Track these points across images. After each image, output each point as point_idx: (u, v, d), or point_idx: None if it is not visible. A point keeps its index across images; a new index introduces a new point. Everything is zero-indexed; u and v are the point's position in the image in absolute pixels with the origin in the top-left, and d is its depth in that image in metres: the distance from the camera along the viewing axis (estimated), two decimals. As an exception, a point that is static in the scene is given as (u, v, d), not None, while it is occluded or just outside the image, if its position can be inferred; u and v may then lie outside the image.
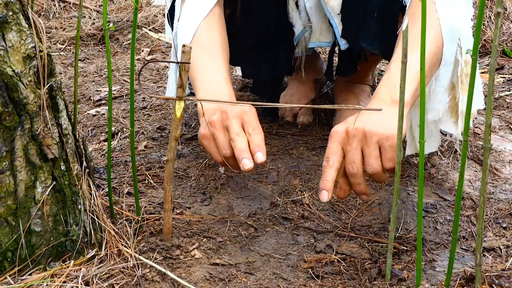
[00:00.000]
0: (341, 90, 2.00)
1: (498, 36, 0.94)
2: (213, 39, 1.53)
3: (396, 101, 1.29)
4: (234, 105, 1.35)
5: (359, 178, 1.25)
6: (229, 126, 1.32)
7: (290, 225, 1.43)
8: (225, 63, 1.51)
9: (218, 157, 1.34)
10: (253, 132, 1.32)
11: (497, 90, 2.24)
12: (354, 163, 1.24)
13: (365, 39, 1.66)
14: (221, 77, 1.45)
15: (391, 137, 1.23)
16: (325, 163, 1.25)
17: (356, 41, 1.67)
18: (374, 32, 1.64)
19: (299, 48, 1.82)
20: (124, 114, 2.05)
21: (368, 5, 1.63)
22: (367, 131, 1.24)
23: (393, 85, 1.31)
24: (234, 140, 1.30)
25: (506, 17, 2.85)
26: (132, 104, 1.33)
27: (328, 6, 1.66)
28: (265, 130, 1.90)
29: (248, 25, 1.77)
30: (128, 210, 1.43)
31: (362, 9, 1.64)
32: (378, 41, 1.65)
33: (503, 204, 1.51)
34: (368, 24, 1.64)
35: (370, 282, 1.22)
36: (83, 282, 1.15)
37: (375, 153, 1.24)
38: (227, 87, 1.43)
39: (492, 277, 1.21)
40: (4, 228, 1.15)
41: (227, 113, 1.32)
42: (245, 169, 1.27)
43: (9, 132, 1.12)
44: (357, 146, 1.24)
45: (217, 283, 1.22)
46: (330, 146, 1.27)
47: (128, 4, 3.37)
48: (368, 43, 1.65)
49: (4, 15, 1.08)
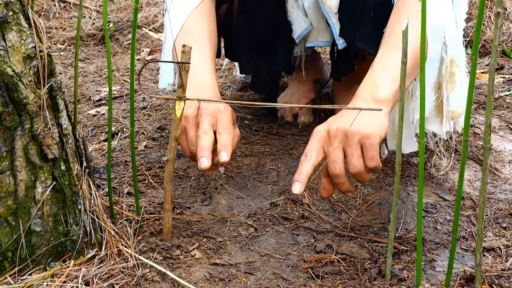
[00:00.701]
0: (341, 90, 2.00)
1: (498, 36, 0.94)
2: (201, 30, 1.53)
3: (377, 100, 1.30)
4: (212, 103, 1.35)
5: (342, 178, 1.26)
6: (200, 123, 1.32)
7: (290, 225, 1.43)
8: (211, 55, 1.51)
9: (187, 152, 1.35)
10: (223, 131, 1.32)
11: (497, 90, 2.24)
12: (336, 163, 1.25)
13: (361, 39, 1.66)
14: (205, 68, 1.46)
15: (372, 136, 1.23)
16: (303, 157, 1.26)
17: (353, 41, 1.68)
18: (370, 32, 1.64)
19: (298, 48, 1.82)
20: (124, 114, 2.05)
21: (365, 5, 1.63)
22: (348, 131, 1.24)
23: (374, 83, 1.32)
24: (199, 137, 1.31)
25: (506, 17, 2.85)
26: (132, 104, 1.33)
27: (325, 6, 1.67)
28: (265, 130, 1.90)
29: (245, 23, 1.77)
30: (128, 210, 1.43)
31: (358, 8, 1.64)
32: (374, 41, 1.65)
33: (503, 204, 1.51)
34: (364, 24, 1.65)
35: (370, 282, 1.22)
36: (83, 282, 1.15)
37: (357, 153, 1.24)
38: (210, 79, 1.44)
39: (492, 277, 1.21)
40: (4, 228, 1.15)
41: (202, 110, 1.33)
42: (201, 168, 1.27)
43: (9, 132, 1.12)
44: (338, 146, 1.25)
45: (217, 283, 1.22)
46: (310, 143, 1.27)
47: (128, 4, 3.37)
48: (364, 43, 1.66)
49: (4, 15, 1.08)
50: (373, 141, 1.23)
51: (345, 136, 1.24)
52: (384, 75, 1.34)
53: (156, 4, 3.34)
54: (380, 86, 1.32)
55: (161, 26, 3.10)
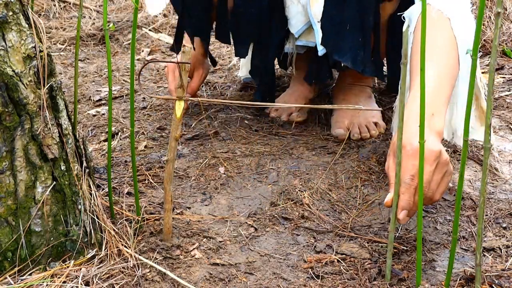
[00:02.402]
0: (341, 90, 2.00)
1: (498, 36, 0.94)
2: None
3: (438, 132, 1.29)
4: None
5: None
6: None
7: (290, 225, 1.43)
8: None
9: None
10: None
11: (497, 90, 2.24)
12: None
13: (338, 51, 1.71)
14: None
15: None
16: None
17: (331, 51, 1.72)
18: (346, 45, 1.69)
19: (290, 45, 1.86)
20: (124, 114, 2.05)
21: (343, 18, 1.68)
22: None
23: (431, 113, 1.29)
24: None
25: (506, 17, 2.85)
26: (132, 104, 1.33)
27: (311, 11, 1.71)
28: (265, 130, 1.90)
29: (240, 11, 1.82)
30: (128, 210, 1.43)
31: (338, 20, 1.68)
32: (351, 54, 1.69)
33: (503, 204, 1.51)
34: (343, 36, 1.69)
35: (370, 282, 1.22)
36: (83, 282, 1.15)
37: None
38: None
39: (492, 277, 1.21)
40: (4, 228, 1.15)
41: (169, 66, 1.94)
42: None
43: (9, 132, 1.12)
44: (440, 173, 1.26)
45: (217, 283, 1.22)
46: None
47: (128, 4, 3.37)
48: (340, 55, 1.71)
49: (4, 15, 1.08)
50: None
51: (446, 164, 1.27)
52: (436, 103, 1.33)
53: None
54: (436, 115, 1.31)
55: (161, 26, 3.10)
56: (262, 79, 1.98)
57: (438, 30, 1.40)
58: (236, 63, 2.52)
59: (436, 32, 1.40)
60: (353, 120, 1.85)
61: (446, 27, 1.39)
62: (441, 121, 1.28)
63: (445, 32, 1.39)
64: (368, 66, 1.73)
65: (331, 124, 1.90)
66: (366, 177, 1.63)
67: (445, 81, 1.34)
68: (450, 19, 1.41)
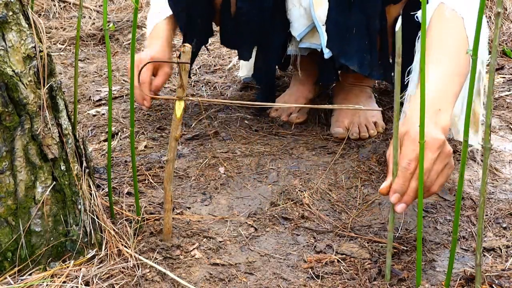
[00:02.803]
0: (341, 90, 2.00)
1: (498, 36, 0.94)
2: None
3: (439, 126, 1.29)
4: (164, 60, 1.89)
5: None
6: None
7: (290, 225, 1.43)
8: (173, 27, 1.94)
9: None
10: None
11: (497, 90, 2.24)
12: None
13: (344, 55, 1.71)
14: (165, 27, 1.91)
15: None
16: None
17: (337, 55, 1.72)
18: (353, 49, 1.68)
19: (292, 47, 1.86)
20: (124, 114, 2.05)
21: (349, 22, 1.67)
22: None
23: (437, 108, 1.29)
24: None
25: (506, 17, 2.85)
26: (132, 104, 1.33)
27: (316, 14, 1.71)
28: (265, 130, 1.90)
29: (242, 15, 1.82)
30: (128, 210, 1.43)
31: (343, 24, 1.68)
32: (357, 57, 1.69)
33: (503, 204, 1.51)
34: (349, 41, 1.70)
35: (370, 282, 1.22)
36: (83, 282, 1.15)
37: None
38: (164, 33, 1.91)
39: (492, 277, 1.21)
40: (4, 228, 1.15)
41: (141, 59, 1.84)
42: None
43: (9, 132, 1.12)
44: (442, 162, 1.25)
45: (217, 283, 1.22)
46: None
47: (128, 4, 3.38)
48: (346, 59, 1.70)
49: (4, 15, 1.08)
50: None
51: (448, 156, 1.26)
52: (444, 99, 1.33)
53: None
54: (442, 111, 1.30)
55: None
56: (265, 81, 1.98)
57: (451, 29, 1.42)
58: (236, 63, 2.52)
59: (449, 30, 1.41)
60: (353, 119, 1.85)
61: (459, 26, 1.41)
62: (447, 117, 1.28)
63: (457, 31, 1.41)
64: (375, 70, 1.73)
65: (331, 123, 1.91)
66: (366, 177, 1.63)
67: (454, 79, 1.34)
68: (463, 19, 1.42)
